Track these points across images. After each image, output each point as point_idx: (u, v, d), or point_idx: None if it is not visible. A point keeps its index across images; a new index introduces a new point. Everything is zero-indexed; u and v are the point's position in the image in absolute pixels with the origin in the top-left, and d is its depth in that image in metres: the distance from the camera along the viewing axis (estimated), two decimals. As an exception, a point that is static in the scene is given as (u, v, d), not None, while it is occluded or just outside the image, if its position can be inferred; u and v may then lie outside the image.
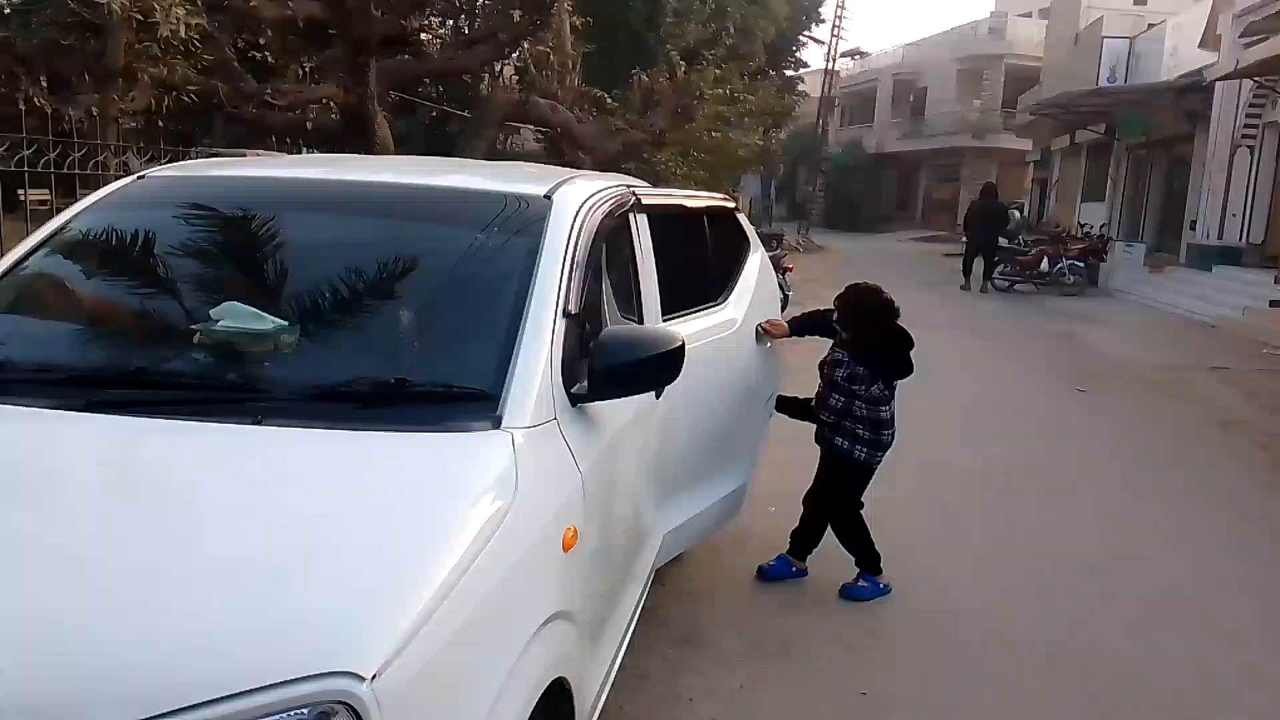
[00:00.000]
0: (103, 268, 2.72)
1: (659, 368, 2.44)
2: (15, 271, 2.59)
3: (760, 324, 4.18)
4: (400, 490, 1.85)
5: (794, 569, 4.37)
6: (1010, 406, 8.36)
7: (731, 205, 4.62)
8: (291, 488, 1.85)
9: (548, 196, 2.70)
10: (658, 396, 3.04)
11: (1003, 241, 19.29)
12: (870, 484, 4.28)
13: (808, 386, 4.33)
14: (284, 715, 1.38)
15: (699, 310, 3.71)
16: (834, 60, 34.30)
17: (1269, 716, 3.40)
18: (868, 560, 4.24)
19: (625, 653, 2.81)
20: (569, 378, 2.33)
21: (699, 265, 3.99)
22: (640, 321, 3.14)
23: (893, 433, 4.20)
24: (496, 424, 2.06)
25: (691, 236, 3.99)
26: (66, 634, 1.44)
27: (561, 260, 2.47)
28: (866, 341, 4.12)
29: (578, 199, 2.76)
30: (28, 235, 2.79)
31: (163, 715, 1.34)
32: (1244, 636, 3.99)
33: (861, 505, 4.26)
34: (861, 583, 4.21)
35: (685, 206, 4.06)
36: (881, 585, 4.22)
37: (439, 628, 1.57)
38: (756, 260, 4.46)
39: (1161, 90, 19.50)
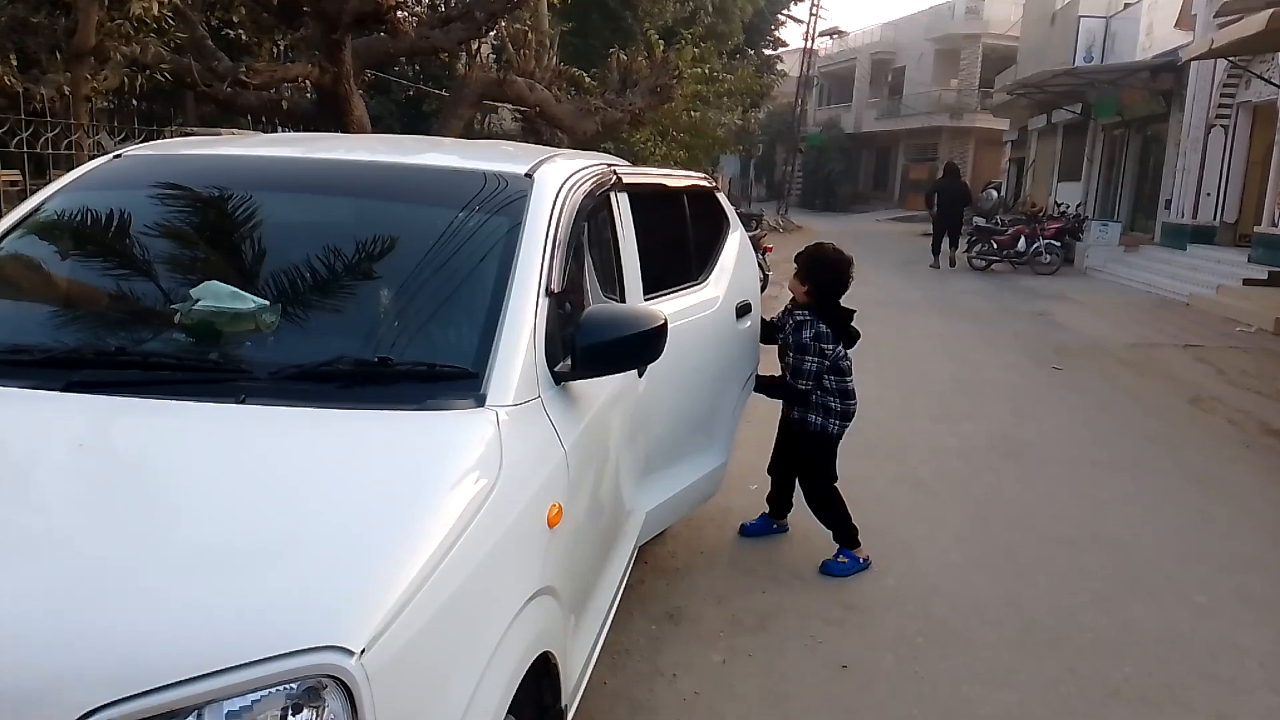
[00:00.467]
0: (80, 248, 2.70)
1: (642, 346, 2.45)
2: (-9, 252, 2.57)
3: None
4: (386, 468, 1.85)
5: (775, 525, 4.62)
6: (986, 385, 8.43)
7: (711, 185, 4.62)
8: (277, 466, 1.85)
9: (529, 175, 2.69)
10: (640, 375, 3.06)
11: (980, 221, 19.58)
12: (848, 462, 4.37)
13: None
14: (273, 690, 1.39)
15: (680, 289, 3.73)
16: (812, 39, 34.22)
17: (1245, 687, 3.46)
18: (846, 535, 4.28)
19: (608, 629, 2.83)
20: (552, 356, 2.34)
21: (680, 244, 4.00)
22: (622, 300, 3.15)
23: (856, 403, 4.28)
24: (480, 402, 2.07)
25: (672, 216, 3.99)
26: (45, 617, 1.43)
27: (543, 239, 2.48)
28: (829, 297, 4.20)
29: (559, 177, 2.75)
30: (1, 216, 2.76)
31: (151, 691, 1.34)
32: (1217, 609, 4.06)
33: (835, 478, 4.32)
34: (841, 558, 4.25)
35: (666, 185, 4.07)
36: (861, 560, 4.27)
37: (426, 603, 1.58)
38: (736, 239, 4.47)
39: (1136, 70, 19.62)
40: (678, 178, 4.35)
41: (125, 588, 1.49)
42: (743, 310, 4.21)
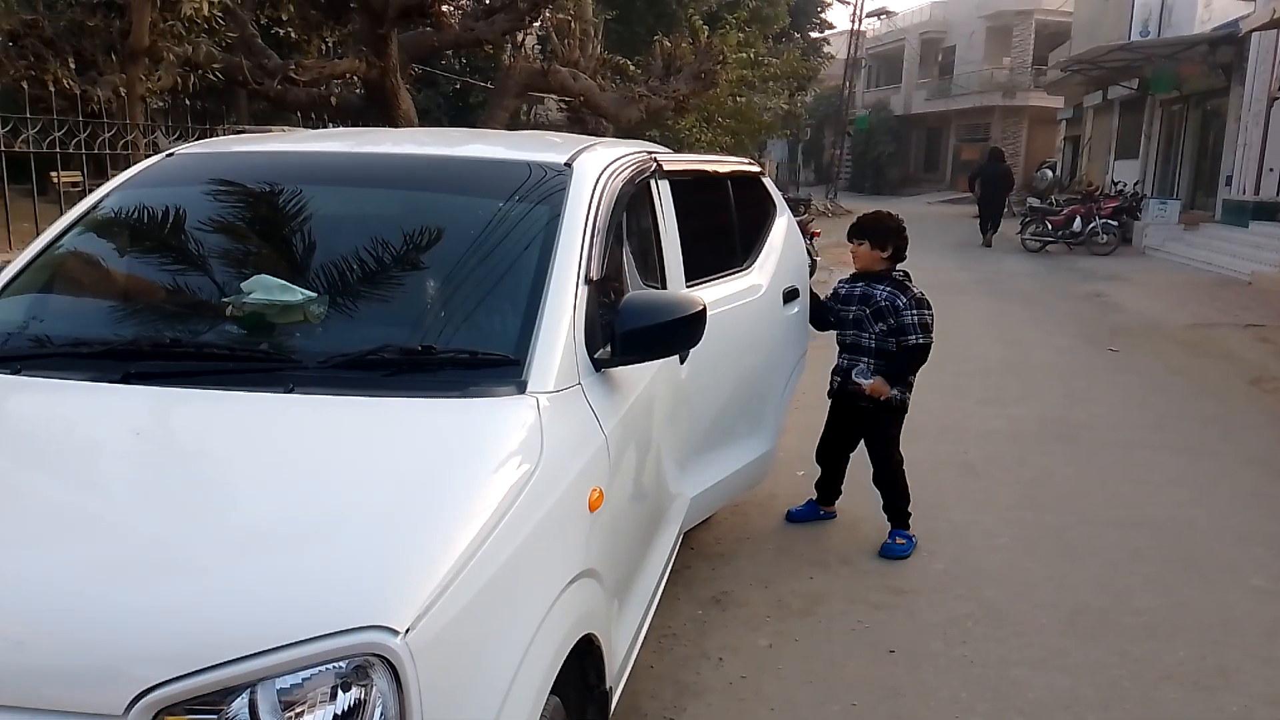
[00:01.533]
0: (135, 244, 2.78)
1: (680, 332, 2.47)
2: (51, 250, 2.66)
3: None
4: (429, 453, 1.90)
5: (822, 512, 4.61)
6: (1038, 367, 8.31)
7: (756, 169, 4.61)
8: (324, 452, 1.90)
9: (568, 164, 2.72)
10: (681, 361, 3.07)
11: (1034, 201, 19.42)
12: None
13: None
14: (321, 669, 1.43)
15: (723, 275, 3.73)
16: (860, 20, 33.78)
17: (1298, 670, 3.40)
18: (904, 512, 4.31)
19: (654, 613, 2.86)
20: (592, 343, 2.37)
21: (724, 230, 4.00)
22: (663, 287, 3.16)
23: None
24: (521, 389, 2.11)
25: (716, 202, 3.99)
26: (105, 597, 1.49)
27: (583, 227, 2.50)
28: (900, 261, 4.31)
29: (598, 166, 2.78)
30: (61, 216, 2.85)
31: (201, 670, 1.39)
32: (1272, 591, 3.98)
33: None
34: (899, 539, 4.26)
35: (708, 172, 4.06)
36: (912, 539, 4.29)
37: (468, 584, 1.62)
38: (783, 225, 4.45)
39: (1194, 43, 19.11)
40: (722, 163, 4.34)
41: (181, 569, 1.55)
42: (790, 296, 4.21)
